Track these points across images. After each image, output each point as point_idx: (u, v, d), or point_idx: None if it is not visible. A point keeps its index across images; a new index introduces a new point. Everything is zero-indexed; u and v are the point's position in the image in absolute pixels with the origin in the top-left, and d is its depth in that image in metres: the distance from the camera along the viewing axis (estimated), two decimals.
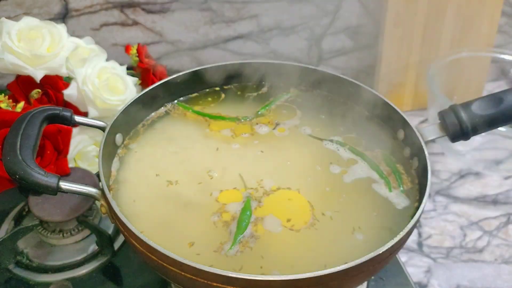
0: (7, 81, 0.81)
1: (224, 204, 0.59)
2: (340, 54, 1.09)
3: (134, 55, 0.88)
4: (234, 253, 0.54)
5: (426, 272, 0.79)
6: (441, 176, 0.96)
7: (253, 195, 0.60)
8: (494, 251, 0.82)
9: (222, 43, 1.01)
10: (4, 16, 0.86)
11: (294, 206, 0.59)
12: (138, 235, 0.50)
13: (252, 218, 0.57)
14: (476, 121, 0.61)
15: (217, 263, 0.52)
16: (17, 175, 0.52)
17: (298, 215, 0.58)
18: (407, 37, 1.03)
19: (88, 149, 0.78)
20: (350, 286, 0.53)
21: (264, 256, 0.54)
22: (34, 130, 0.57)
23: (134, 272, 0.69)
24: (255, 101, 0.75)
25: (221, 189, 0.61)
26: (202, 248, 0.54)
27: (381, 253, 0.49)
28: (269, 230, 0.56)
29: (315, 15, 1.02)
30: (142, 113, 0.70)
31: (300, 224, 0.57)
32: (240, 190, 0.60)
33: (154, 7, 0.94)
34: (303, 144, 0.68)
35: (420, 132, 0.63)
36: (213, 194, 0.60)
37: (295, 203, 0.60)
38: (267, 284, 0.47)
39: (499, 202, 0.91)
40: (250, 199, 0.59)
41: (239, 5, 0.97)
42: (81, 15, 0.91)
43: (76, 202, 0.68)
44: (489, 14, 1.05)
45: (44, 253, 0.70)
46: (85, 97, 0.75)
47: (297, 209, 0.59)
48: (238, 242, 0.55)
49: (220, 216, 0.57)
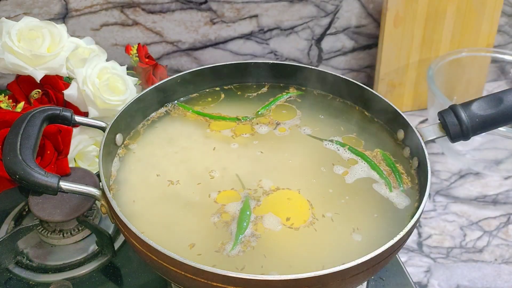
0: (7, 81, 0.81)
1: (223, 205, 0.59)
2: (340, 54, 1.09)
3: (134, 55, 0.88)
4: (237, 253, 0.54)
5: (426, 272, 0.79)
6: (441, 176, 0.96)
7: (251, 195, 0.60)
8: (494, 251, 0.82)
9: (222, 43, 1.01)
10: (4, 16, 0.86)
11: (293, 206, 0.59)
12: (138, 235, 0.50)
13: (252, 217, 0.57)
14: (476, 121, 0.61)
15: (220, 263, 0.52)
16: (17, 175, 0.52)
17: (297, 214, 0.58)
18: (407, 37, 1.04)
19: (88, 149, 0.78)
20: (350, 286, 0.53)
21: (266, 255, 0.54)
22: (34, 130, 0.57)
23: (134, 272, 0.69)
24: (255, 101, 0.75)
25: (220, 190, 0.61)
26: (204, 249, 0.54)
27: (381, 253, 0.49)
28: (269, 228, 0.56)
29: (315, 15, 1.02)
30: (142, 113, 0.70)
31: (299, 222, 0.57)
32: (237, 191, 0.60)
33: (154, 7, 0.94)
34: (303, 144, 0.68)
35: (420, 132, 0.63)
36: (211, 195, 0.60)
37: (294, 203, 0.60)
38: (267, 284, 0.47)
39: (499, 202, 0.91)
40: (248, 199, 0.59)
41: (239, 5, 0.97)
42: (81, 15, 0.91)
43: (76, 202, 0.68)
44: (489, 14, 1.05)
45: (44, 253, 0.70)
46: (85, 97, 0.75)
47: (296, 208, 0.59)
48: (240, 242, 0.55)
49: (220, 216, 0.57)
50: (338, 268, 0.47)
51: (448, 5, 1.02)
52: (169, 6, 0.94)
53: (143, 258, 0.53)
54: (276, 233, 0.56)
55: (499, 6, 1.05)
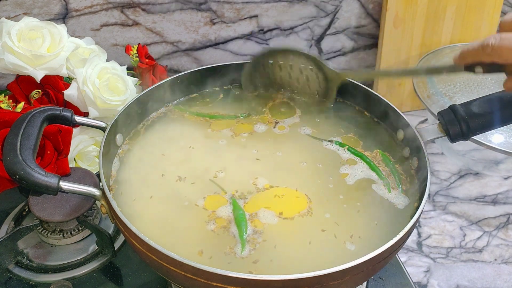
0: (7, 81, 0.81)
1: (213, 211, 0.59)
2: (340, 54, 1.09)
3: (134, 56, 0.88)
4: (248, 252, 0.54)
5: (425, 272, 0.79)
6: (441, 176, 0.96)
7: (235, 195, 0.60)
8: (493, 251, 0.82)
9: (222, 43, 1.01)
10: (4, 16, 0.86)
11: (286, 199, 0.60)
12: (138, 235, 0.50)
13: (247, 215, 0.57)
14: (476, 121, 0.61)
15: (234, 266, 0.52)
16: (17, 175, 0.52)
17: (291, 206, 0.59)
18: (407, 37, 1.04)
19: (88, 149, 0.78)
20: (350, 286, 0.53)
21: (277, 245, 0.54)
22: (35, 130, 0.57)
23: (134, 272, 0.69)
24: (254, 100, 0.75)
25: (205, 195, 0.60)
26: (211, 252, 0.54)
27: (380, 253, 0.49)
28: (267, 222, 0.57)
29: (315, 15, 1.02)
30: (142, 113, 0.70)
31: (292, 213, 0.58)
32: (221, 194, 0.60)
33: (154, 7, 0.94)
34: (302, 144, 0.68)
35: (420, 132, 0.63)
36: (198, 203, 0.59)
37: (288, 197, 0.60)
38: (267, 284, 0.47)
39: (498, 202, 0.91)
40: (235, 199, 0.59)
41: (239, 5, 0.97)
42: (81, 15, 0.91)
43: (77, 202, 0.68)
44: (488, 14, 1.05)
45: (44, 253, 0.70)
46: (86, 98, 0.75)
47: (288, 202, 0.59)
48: (247, 242, 0.55)
49: (215, 222, 0.57)
50: (338, 268, 0.47)
51: (448, 5, 1.02)
52: (169, 6, 0.94)
53: (143, 258, 0.53)
54: (276, 225, 0.56)
55: (499, 6, 1.05)
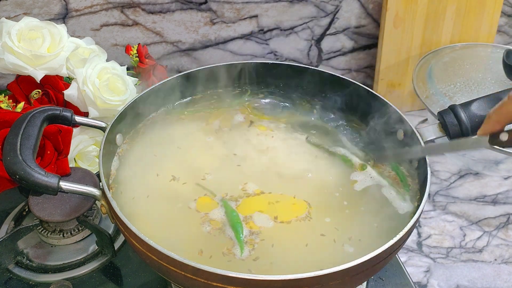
0: (7, 81, 0.81)
1: (206, 213, 0.58)
2: (340, 54, 1.09)
3: (134, 56, 0.88)
4: (248, 254, 0.54)
5: (425, 272, 0.79)
6: (441, 176, 0.96)
7: (224, 198, 0.60)
8: (493, 251, 0.82)
9: (222, 44, 1.01)
10: (4, 16, 0.86)
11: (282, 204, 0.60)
12: (138, 235, 0.50)
13: (241, 217, 0.57)
14: (476, 121, 0.61)
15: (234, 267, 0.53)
16: (17, 175, 0.52)
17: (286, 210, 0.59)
18: (407, 37, 1.04)
19: (88, 149, 0.78)
20: (350, 286, 0.53)
21: (274, 244, 0.54)
22: (35, 130, 0.57)
23: (134, 272, 0.69)
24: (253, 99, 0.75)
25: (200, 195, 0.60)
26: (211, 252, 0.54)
27: (380, 253, 0.49)
28: (263, 226, 0.57)
29: (315, 15, 1.02)
30: (142, 113, 0.70)
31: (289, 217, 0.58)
32: (210, 197, 0.60)
33: (154, 7, 0.94)
34: (302, 144, 0.68)
35: (420, 132, 0.63)
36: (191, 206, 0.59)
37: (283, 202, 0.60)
38: (267, 284, 0.47)
39: (498, 202, 0.91)
40: (226, 201, 0.59)
41: (239, 5, 0.97)
42: (81, 15, 0.91)
43: (76, 202, 0.68)
44: (488, 14, 1.05)
45: (44, 253, 0.70)
46: (86, 98, 0.75)
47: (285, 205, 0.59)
48: (245, 243, 0.55)
49: (210, 224, 0.57)
50: (338, 268, 0.47)
51: (448, 5, 1.02)
52: (169, 6, 0.94)
53: (143, 258, 0.53)
54: (270, 228, 0.56)
55: (499, 6, 1.05)
